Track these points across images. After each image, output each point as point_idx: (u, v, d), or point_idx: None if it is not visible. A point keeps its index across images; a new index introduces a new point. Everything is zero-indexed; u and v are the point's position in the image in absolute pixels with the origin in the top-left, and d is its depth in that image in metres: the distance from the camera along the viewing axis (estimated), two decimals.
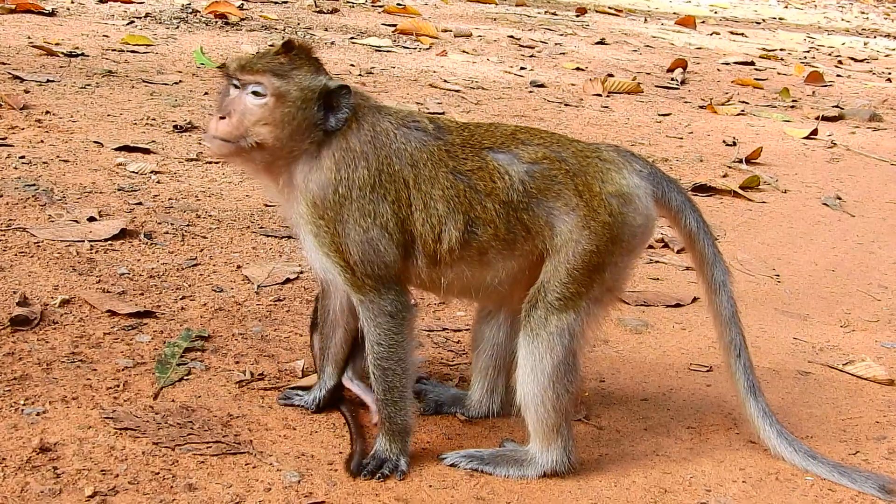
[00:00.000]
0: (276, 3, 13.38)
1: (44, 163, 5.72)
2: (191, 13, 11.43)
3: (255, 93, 3.18)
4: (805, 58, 16.13)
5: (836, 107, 11.56)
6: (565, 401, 3.37)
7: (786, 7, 26.79)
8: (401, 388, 3.33)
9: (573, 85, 10.76)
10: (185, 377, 3.71)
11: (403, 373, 3.33)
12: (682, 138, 9.00)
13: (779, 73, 13.91)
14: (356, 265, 3.21)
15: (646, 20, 18.65)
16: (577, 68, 11.84)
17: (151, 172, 5.87)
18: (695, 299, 5.12)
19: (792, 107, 11.42)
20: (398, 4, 14.56)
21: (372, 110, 3.32)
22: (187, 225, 5.17)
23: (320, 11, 13.26)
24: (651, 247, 5.84)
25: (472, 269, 3.34)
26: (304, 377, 3.84)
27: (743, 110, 10.73)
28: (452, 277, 3.34)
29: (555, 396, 3.34)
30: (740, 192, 7.34)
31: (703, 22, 19.62)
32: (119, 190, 5.50)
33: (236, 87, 3.22)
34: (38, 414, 3.31)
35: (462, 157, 3.30)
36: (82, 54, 8.61)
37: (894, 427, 4.03)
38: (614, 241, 3.33)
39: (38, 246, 4.61)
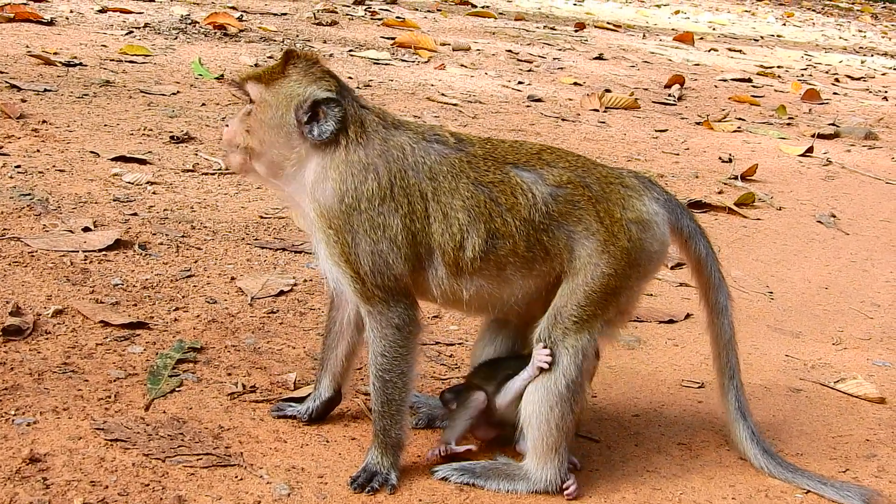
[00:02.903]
0: (275, 14, 13.42)
1: (39, 172, 5.73)
2: (190, 24, 11.46)
3: (248, 100, 3.33)
4: (802, 75, 16.18)
5: (833, 125, 11.59)
6: (569, 420, 3.39)
7: (784, 25, 26.89)
8: (399, 402, 3.34)
9: (570, 100, 10.79)
10: (177, 389, 3.71)
11: (404, 386, 3.34)
12: (678, 154, 9.02)
13: (776, 91, 13.94)
14: (366, 276, 3.23)
15: (644, 36, 18.71)
16: (575, 83, 11.87)
17: (147, 183, 5.88)
18: (688, 315, 5.13)
19: (788, 124, 11.45)
20: (397, 17, 14.60)
21: (386, 125, 3.34)
22: (182, 236, 5.18)
23: (319, 24, 13.30)
24: None
25: (491, 285, 3.36)
26: (297, 389, 3.84)
27: (739, 127, 10.76)
28: (473, 291, 3.36)
29: (560, 415, 3.36)
30: (735, 208, 7.36)
31: (702, 38, 19.66)
32: (114, 200, 5.51)
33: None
34: (28, 424, 3.31)
35: (484, 170, 3.34)
36: (80, 64, 8.63)
37: (884, 445, 4.04)
38: (632, 265, 3.38)
39: (32, 255, 4.61)
